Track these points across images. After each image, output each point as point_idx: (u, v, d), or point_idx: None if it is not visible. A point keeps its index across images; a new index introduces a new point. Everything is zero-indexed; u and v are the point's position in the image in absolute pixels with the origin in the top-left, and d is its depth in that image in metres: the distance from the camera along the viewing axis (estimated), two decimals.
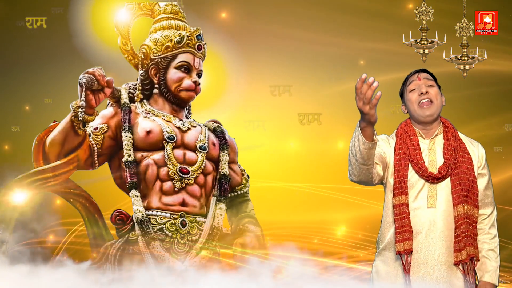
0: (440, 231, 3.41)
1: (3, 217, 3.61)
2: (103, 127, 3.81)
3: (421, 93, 3.47)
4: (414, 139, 3.50)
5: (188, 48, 3.96)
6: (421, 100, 3.48)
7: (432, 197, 3.43)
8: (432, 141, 3.51)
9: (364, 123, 3.22)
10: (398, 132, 3.57)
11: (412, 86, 3.52)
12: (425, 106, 3.48)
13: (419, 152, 3.46)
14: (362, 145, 3.26)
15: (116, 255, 3.69)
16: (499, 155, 6.77)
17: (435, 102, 3.49)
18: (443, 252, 3.40)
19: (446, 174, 3.44)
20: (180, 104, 3.98)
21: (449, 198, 3.43)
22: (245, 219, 3.99)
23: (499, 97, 6.75)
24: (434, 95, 3.49)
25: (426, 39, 5.53)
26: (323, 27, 6.86)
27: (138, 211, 3.72)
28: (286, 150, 6.97)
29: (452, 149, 3.46)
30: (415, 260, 3.41)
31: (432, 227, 3.41)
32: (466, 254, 3.38)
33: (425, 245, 3.41)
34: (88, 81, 3.55)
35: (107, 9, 5.50)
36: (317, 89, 6.96)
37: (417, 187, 3.45)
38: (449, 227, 3.41)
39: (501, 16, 5.72)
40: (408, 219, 3.41)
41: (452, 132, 3.52)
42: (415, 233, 3.41)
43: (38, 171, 3.69)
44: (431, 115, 3.49)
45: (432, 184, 3.43)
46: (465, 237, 3.38)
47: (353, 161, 3.35)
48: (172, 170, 3.78)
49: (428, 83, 3.51)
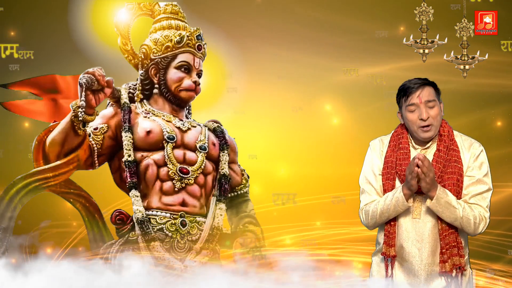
0: (426, 242, 3.41)
1: (3, 217, 3.61)
2: (103, 127, 3.82)
3: (422, 119, 3.40)
4: (403, 147, 3.48)
5: (188, 48, 3.96)
6: (421, 126, 3.42)
7: (417, 208, 3.42)
8: (423, 152, 3.48)
9: (409, 191, 3.35)
10: (392, 139, 3.55)
11: (412, 107, 3.42)
12: (425, 129, 3.43)
13: (406, 163, 3.42)
14: (401, 207, 3.38)
15: (116, 255, 3.70)
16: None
17: (435, 124, 3.42)
18: (429, 262, 3.41)
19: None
20: (180, 104, 3.98)
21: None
22: (245, 219, 4.00)
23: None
24: (434, 117, 3.41)
25: (426, 39, 5.52)
26: (323, 27, 6.86)
27: (138, 211, 3.72)
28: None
29: (441, 161, 3.42)
30: (403, 269, 3.44)
31: (418, 237, 3.41)
32: (451, 264, 3.37)
33: (411, 256, 3.42)
34: (88, 81, 3.55)
35: (107, 9, 5.50)
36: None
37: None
38: (434, 238, 3.40)
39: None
40: (394, 226, 3.45)
41: (445, 142, 3.46)
42: (402, 243, 3.43)
43: (38, 171, 3.69)
44: (430, 137, 3.46)
45: (418, 195, 3.42)
46: (450, 247, 3.38)
47: (381, 218, 3.45)
48: (172, 170, 3.78)
49: (429, 104, 3.41)
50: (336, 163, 6.33)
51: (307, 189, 6.30)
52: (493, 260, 5.93)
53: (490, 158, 3.56)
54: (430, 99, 3.41)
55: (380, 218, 3.45)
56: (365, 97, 6.37)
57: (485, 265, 5.71)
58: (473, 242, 6.21)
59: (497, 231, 6.41)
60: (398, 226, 3.45)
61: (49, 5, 6.72)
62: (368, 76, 6.44)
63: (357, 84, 6.42)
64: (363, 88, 6.40)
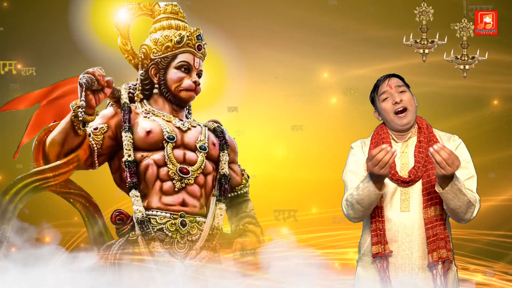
0: (416, 235, 3.40)
1: (3, 217, 3.61)
2: (103, 127, 3.82)
3: (395, 102, 3.48)
4: (385, 142, 3.50)
5: (188, 48, 3.96)
6: (396, 109, 3.48)
7: (405, 200, 3.43)
8: (405, 144, 3.52)
9: (377, 179, 3.30)
10: (373, 136, 3.58)
11: (384, 95, 3.52)
12: (401, 115, 3.48)
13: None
14: (373, 195, 3.34)
15: (116, 255, 3.69)
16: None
17: (410, 108, 3.49)
18: (419, 255, 3.40)
19: (416, 178, 3.43)
20: (180, 104, 3.98)
21: (422, 201, 3.43)
22: (245, 219, 4.00)
23: None
24: (408, 101, 3.49)
25: (426, 39, 5.52)
26: (323, 27, 6.87)
27: (138, 211, 3.72)
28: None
29: (423, 151, 3.46)
30: (393, 265, 3.42)
31: (407, 231, 3.41)
32: (438, 256, 3.37)
33: (401, 249, 3.41)
34: (88, 81, 3.55)
35: (107, 9, 5.50)
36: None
37: (390, 191, 3.45)
38: (423, 230, 3.41)
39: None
40: (383, 222, 3.42)
41: (425, 133, 3.51)
42: (392, 237, 3.42)
43: (38, 171, 3.69)
44: (408, 123, 3.50)
45: (404, 188, 3.44)
46: (437, 239, 3.37)
47: (359, 207, 3.40)
48: (172, 170, 3.78)
49: (400, 89, 3.51)
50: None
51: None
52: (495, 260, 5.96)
53: (494, 160, 3.59)
54: (399, 84, 3.53)
55: (358, 208, 3.41)
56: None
57: (487, 265, 5.71)
58: (473, 243, 6.23)
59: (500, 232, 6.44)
60: (386, 222, 3.43)
61: (49, 5, 6.72)
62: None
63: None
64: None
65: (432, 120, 3.67)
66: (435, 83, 6.64)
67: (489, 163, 6.64)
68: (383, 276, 3.40)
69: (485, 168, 6.53)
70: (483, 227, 6.08)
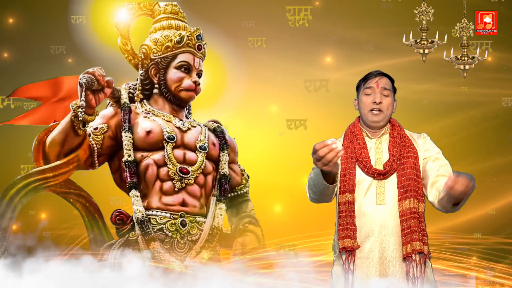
0: (392, 227, 3.43)
1: (4, 217, 3.61)
2: (103, 127, 3.82)
3: (374, 102, 3.53)
4: (360, 138, 3.55)
5: (188, 48, 3.96)
6: (372, 108, 3.54)
7: (380, 194, 3.46)
8: (378, 140, 3.57)
9: (324, 172, 3.28)
10: (346, 133, 3.62)
11: (368, 90, 3.56)
12: (375, 112, 3.53)
13: (365, 150, 3.52)
14: (321, 186, 3.34)
15: (116, 255, 3.69)
16: None
17: (385, 112, 3.54)
18: (396, 248, 3.42)
19: (391, 170, 3.47)
20: (180, 104, 3.98)
21: (397, 194, 3.46)
22: (245, 219, 4.00)
23: None
24: (386, 106, 3.54)
25: (426, 39, 5.52)
26: (323, 25, 6.86)
27: (138, 211, 3.72)
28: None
29: (397, 145, 3.52)
30: (371, 260, 3.42)
31: (384, 223, 3.43)
32: (411, 248, 3.39)
33: (379, 243, 3.42)
34: (88, 81, 3.55)
35: (107, 9, 5.50)
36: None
37: (365, 185, 3.47)
38: (399, 223, 3.44)
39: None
40: (353, 217, 3.44)
41: (398, 130, 3.57)
42: (369, 231, 3.43)
43: (38, 171, 3.69)
44: (378, 122, 3.56)
45: (380, 181, 3.47)
46: (411, 232, 3.40)
47: (314, 190, 3.42)
48: (172, 170, 3.78)
49: (384, 92, 3.55)
50: None
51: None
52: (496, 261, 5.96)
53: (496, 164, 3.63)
54: (386, 87, 3.56)
55: (312, 191, 3.43)
56: None
57: (487, 266, 5.72)
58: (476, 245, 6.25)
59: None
60: (361, 216, 3.44)
61: (49, 5, 6.72)
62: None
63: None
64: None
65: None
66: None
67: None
68: (347, 269, 3.40)
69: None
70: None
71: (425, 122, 6.42)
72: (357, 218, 3.44)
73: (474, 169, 5.11)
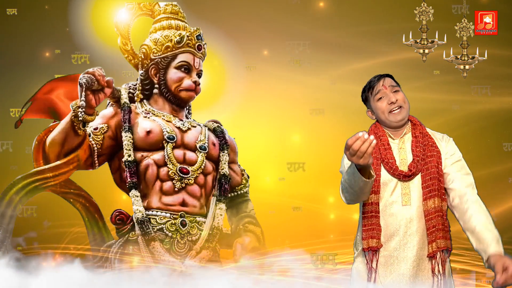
0: (417, 227, 3.47)
1: (3, 217, 3.61)
2: (103, 127, 3.82)
3: (391, 102, 3.55)
4: (384, 139, 3.57)
5: (188, 48, 3.96)
6: (392, 109, 3.55)
7: (406, 194, 3.49)
8: (401, 140, 3.59)
9: (361, 167, 3.26)
10: (369, 135, 3.60)
11: (379, 95, 3.58)
12: (395, 111, 3.55)
13: (390, 151, 3.53)
14: (361, 182, 3.31)
15: (116, 255, 3.69)
16: None
17: (405, 106, 3.57)
18: (420, 247, 3.46)
19: (416, 171, 3.50)
20: (180, 104, 3.98)
21: (421, 194, 3.50)
22: (245, 219, 4.00)
23: None
24: (402, 100, 3.57)
25: (426, 39, 5.53)
26: (325, 26, 6.87)
27: (138, 211, 3.72)
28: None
29: (420, 145, 3.54)
30: (395, 258, 3.47)
31: (409, 224, 3.47)
32: (436, 246, 3.44)
33: (403, 243, 3.46)
34: (88, 81, 3.55)
35: (107, 9, 5.50)
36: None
37: (391, 186, 3.51)
38: (424, 222, 3.48)
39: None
40: (378, 218, 3.48)
41: (419, 129, 3.60)
42: (394, 231, 3.47)
43: (38, 171, 3.69)
44: (402, 119, 3.57)
45: (405, 182, 3.50)
46: (436, 230, 3.44)
47: (351, 191, 3.41)
48: (172, 170, 3.78)
49: (394, 89, 3.58)
50: None
51: None
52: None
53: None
54: (393, 85, 3.59)
55: (351, 191, 3.41)
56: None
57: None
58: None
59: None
60: (387, 216, 3.47)
61: (49, 5, 6.72)
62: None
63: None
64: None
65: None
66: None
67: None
68: (370, 268, 3.44)
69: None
70: None
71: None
72: (383, 218, 3.48)
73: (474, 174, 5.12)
